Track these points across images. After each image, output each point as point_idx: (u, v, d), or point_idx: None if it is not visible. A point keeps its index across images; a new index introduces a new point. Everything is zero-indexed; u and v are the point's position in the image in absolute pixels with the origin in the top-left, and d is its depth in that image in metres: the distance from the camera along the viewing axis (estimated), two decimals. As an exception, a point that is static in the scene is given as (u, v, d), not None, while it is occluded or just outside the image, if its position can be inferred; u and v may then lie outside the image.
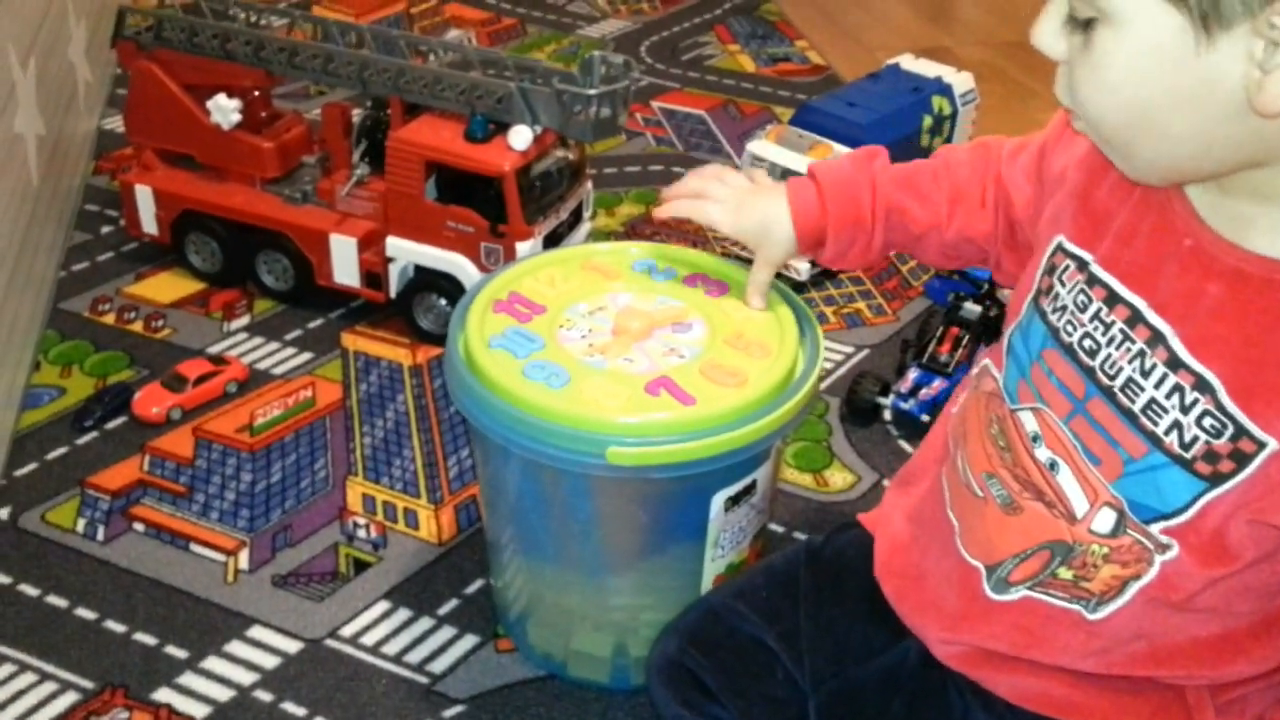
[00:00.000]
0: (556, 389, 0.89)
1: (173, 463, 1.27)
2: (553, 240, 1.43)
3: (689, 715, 0.87)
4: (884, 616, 0.84)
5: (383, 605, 1.12)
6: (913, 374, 1.37)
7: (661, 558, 0.97)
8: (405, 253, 1.42)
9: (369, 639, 1.08)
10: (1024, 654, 0.76)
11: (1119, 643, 0.74)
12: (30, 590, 1.11)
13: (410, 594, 1.13)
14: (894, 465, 1.32)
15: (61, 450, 1.28)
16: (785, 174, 1.57)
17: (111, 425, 1.31)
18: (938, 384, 1.35)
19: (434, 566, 1.16)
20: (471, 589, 1.14)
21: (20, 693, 1.02)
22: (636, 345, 0.93)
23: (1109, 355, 0.69)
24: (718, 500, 0.92)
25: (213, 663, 1.06)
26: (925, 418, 1.33)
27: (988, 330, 1.41)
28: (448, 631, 1.09)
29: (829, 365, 1.46)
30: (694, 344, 0.94)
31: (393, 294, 1.46)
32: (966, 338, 1.39)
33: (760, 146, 1.59)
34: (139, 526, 1.19)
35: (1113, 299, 0.69)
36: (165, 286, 1.54)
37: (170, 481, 1.25)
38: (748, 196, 0.94)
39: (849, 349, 1.51)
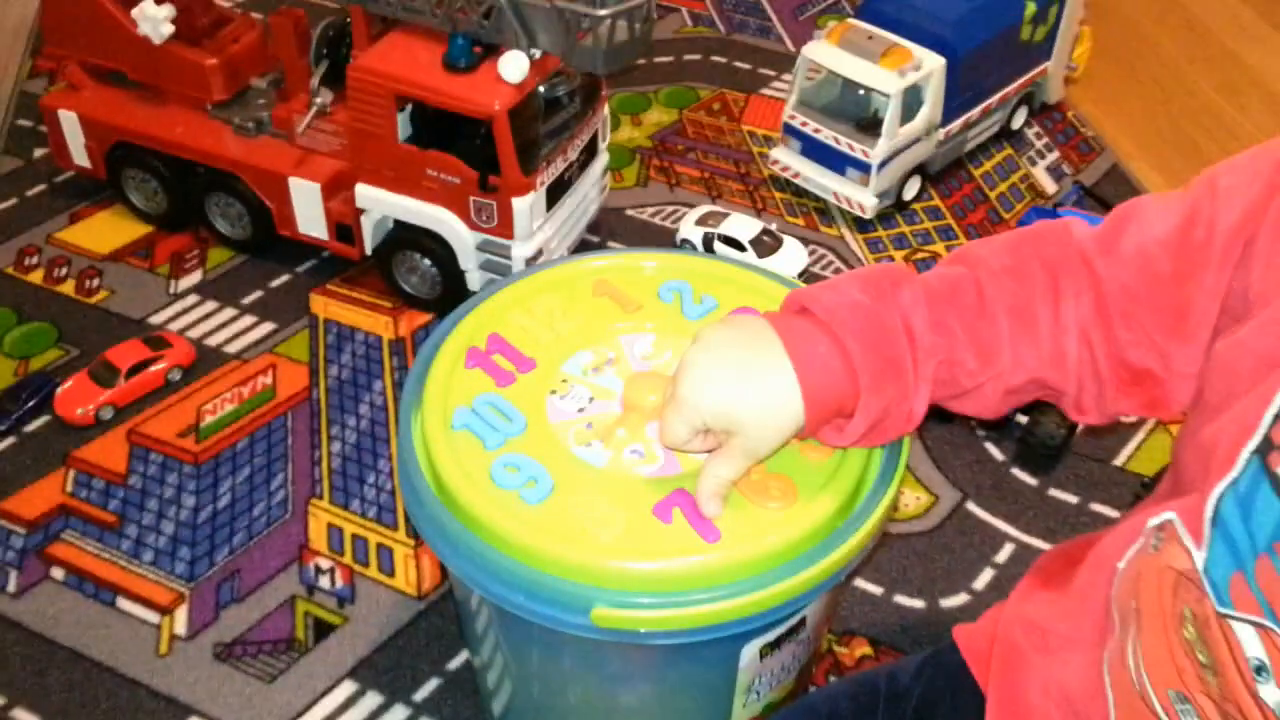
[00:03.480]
0: (533, 504, 0.64)
1: (101, 480, 1.05)
2: (559, 188, 1.15)
3: None
4: None
5: (347, 688, 0.91)
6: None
7: (671, 710, 0.74)
8: (379, 204, 1.15)
9: (329, 736, 0.88)
10: None
11: None
12: (-81, 670, 0.92)
13: (381, 670, 0.92)
14: (979, 481, 1.06)
15: (-30, 463, 1.07)
16: (849, 88, 1.26)
17: (32, 426, 1.09)
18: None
19: (409, 631, 0.95)
20: (455, 663, 0.93)
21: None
22: (653, 426, 0.67)
23: None
24: (749, 650, 0.68)
25: (137, 771, 0.86)
26: (1023, 418, 1.06)
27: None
28: (426, 726, 0.89)
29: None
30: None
31: (368, 250, 1.20)
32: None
33: (818, 50, 1.27)
34: (57, 572, 0.98)
35: None
36: (104, 230, 1.30)
37: (98, 508, 1.03)
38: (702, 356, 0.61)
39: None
